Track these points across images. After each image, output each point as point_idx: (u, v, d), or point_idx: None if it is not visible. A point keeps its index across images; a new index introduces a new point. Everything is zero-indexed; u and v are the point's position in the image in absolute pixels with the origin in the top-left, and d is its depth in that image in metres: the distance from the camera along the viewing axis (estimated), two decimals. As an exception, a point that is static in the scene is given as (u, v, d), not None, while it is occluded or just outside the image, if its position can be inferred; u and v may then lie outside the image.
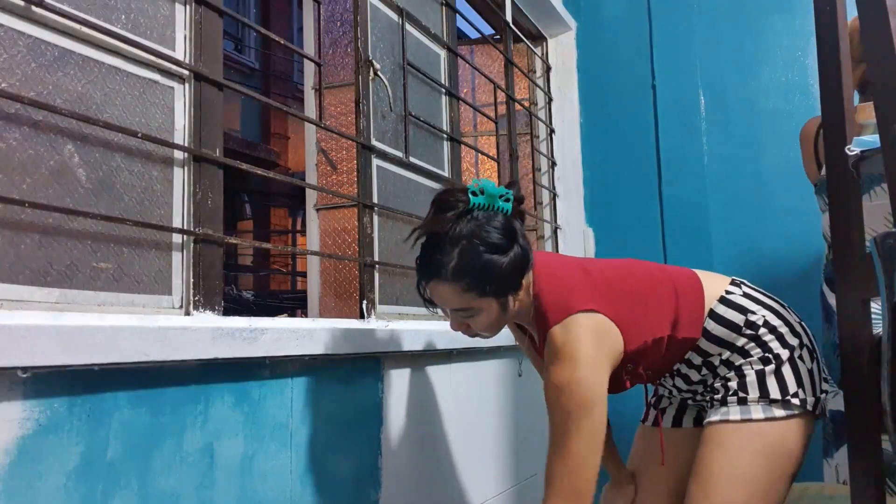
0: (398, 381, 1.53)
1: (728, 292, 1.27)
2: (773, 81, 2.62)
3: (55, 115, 0.95)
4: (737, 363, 1.23)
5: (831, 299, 1.75)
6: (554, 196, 2.89)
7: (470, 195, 1.15)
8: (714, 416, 1.22)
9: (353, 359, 1.38)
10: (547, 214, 2.87)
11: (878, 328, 0.88)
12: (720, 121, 2.69)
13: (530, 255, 1.19)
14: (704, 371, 1.28)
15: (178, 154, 1.15)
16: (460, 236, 1.13)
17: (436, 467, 1.65)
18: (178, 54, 1.17)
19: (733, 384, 1.22)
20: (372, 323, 1.53)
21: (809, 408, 1.19)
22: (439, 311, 1.27)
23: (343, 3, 2.09)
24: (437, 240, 1.15)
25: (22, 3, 0.92)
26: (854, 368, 0.93)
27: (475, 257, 1.12)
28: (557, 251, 2.88)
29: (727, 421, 1.20)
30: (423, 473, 1.59)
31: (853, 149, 0.93)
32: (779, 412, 1.18)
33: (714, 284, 1.29)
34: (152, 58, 1.11)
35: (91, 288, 0.99)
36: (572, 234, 2.91)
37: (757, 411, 1.19)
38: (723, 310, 1.25)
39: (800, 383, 1.19)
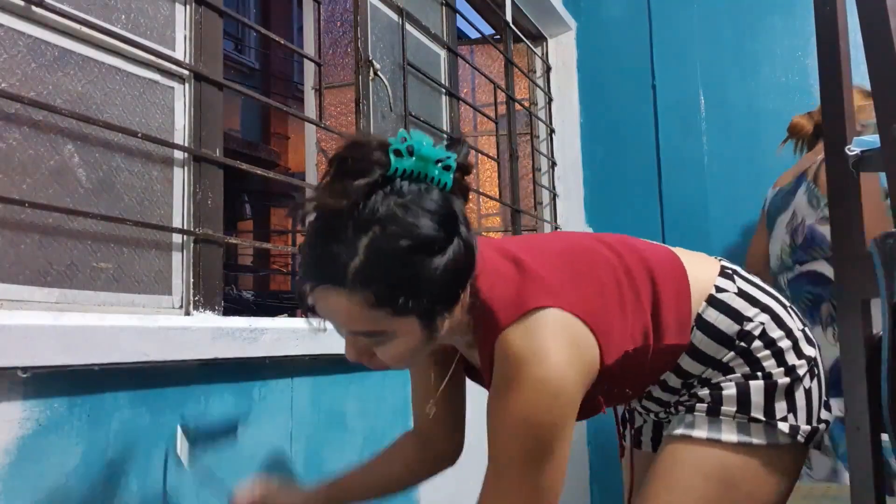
0: (398, 381, 1.53)
1: (719, 289, 0.94)
2: (773, 81, 2.62)
3: (55, 115, 0.95)
4: (714, 380, 0.92)
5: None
6: (554, 196, 2.89)
7: (392, 155, 0.73)
8: (676, 429, 0.92)
9: (353, 359, 1.38)
10: (547, 214, 2.87)
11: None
12: (720, 121, 2.69)
13: (475, 253, 0.78)
14: (682, 392, 0.96)
15: (178, 154, 1.15)
16: (371, 221, 0.72)
17: (436, 467, 1.65)
18: (178, 54, 1.17)
19: (705, 393, 0.91)
20: (372, 323, 1.53)
21: (801, 438, 0.88)
22: (325, 325, 0.81)
23: (343, 3, 2.09)
24: (334, 224, 0.73)
25: (22, 3, 0.92)
26: (854, 368, 0.93)
27: (393, 256, 0.72)
28: (557, 251, 2.88)
29: (689, 438, 0.90)
30: (423, 473, 1.59)
31: (853, 149, 0.93)
32: (758, 439, 0.88)
33: (701, 273, 0.96)
34: (152, 58, 1.11)
35: (91, 288, 0.99)
36: (572, 234, 2.91)
37: (730, 430, 0.88)
38: (713, 315, 0.92)
39: (792, 407, 0.89)
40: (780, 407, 0.89)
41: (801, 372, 0.91)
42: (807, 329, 0.97)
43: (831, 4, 0.97)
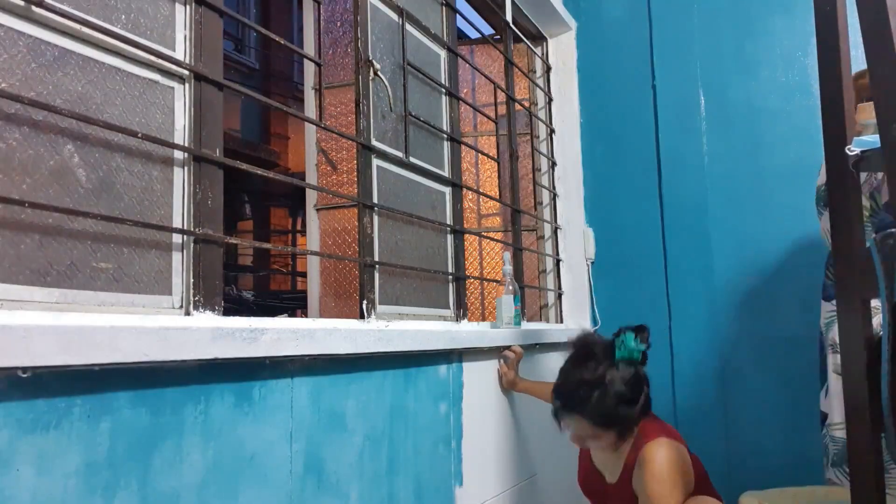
0: (398, 381, 1.53)
1: None
2: (773, 81, 2.62)
3: (55, 115, 0.95)
4: None
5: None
6: (554, 196, 2.89)
7: (616, 350, 1.53)
8: None
9: (353, 359, 1.38)
10: (547, 214, 2.87)
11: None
12: (720, 121, 2.69)
13: (649, 398, 1.56)
14: None
15: (178, 154, 1.15)
16: (600, 383, 1.50)
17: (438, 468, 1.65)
18: (178, 54, 1.17)
19: None
20: (372, 323, 1.53)
21: None
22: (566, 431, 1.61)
23: (343, 3, 2.09)
24: (579, 380, 1.53)
25: (22, 3, 0.92)
26: (854, 368, 0.93)
27: (608, 404, 1.50)
28: (557, 251, 2.88)
29: None
30: (425, 474, 1.59)
31: (853, 149, 0.93)
32: None
33: None
34: (152, 58, 1.11)
35: (91, 288, 0.99)
36: (572, 234, 2.91)
37: None
38: None
39: None
40: None
41: None
42: None
43: (831, 4, 0.97)
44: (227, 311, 1.20)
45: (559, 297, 2.88)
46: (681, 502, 1.47)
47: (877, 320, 0.89)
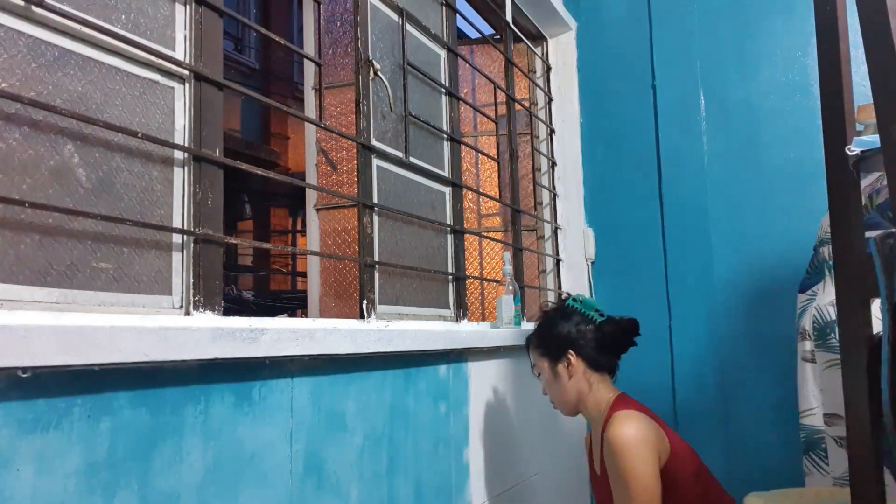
0: (398, 381, 1.53)
1: None
2: (773, 81, 2.62)
3: (55, 115, 0.95)
4: None
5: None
6: (554, 196, 2.89)
7: (570, 298, 1.74)
8: None
9: (353, 359, 1.38)
10: (547, 214, 2.87)
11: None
12: (720, 121, 2.69)
13: (594, 352, 1.66)
14: None
15: (178, 154, 1.15)
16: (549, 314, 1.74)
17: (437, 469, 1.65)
18: (178, 54, 1.17)
19: None
20: (372, 323, 1.53)
21: None
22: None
23: (343, 3, 2.09)
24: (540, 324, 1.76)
25: (22, 3, 0.92)
26: (854, 368, 0.93)
27: (544, 324, 1.72)
28: (557, 251, 2.88)
29: None
30: (425, 474, 1.59)
31: (853, 149, 0.93)
32: None
33: None
34: (152, 58, 1.11)
35: (91, 288, 0.99)
36: (572, 234, 2.91)
37: None
38: None
39: None
40: None
41: None
42: None
43: (831, 4, 0.97)
44: (227, 311, 1.20)
45: (559, 297, 2.87)
46: (653, 468, 1.43)
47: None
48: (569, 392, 1.65)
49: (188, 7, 1.19)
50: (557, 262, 2.88)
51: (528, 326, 2.34)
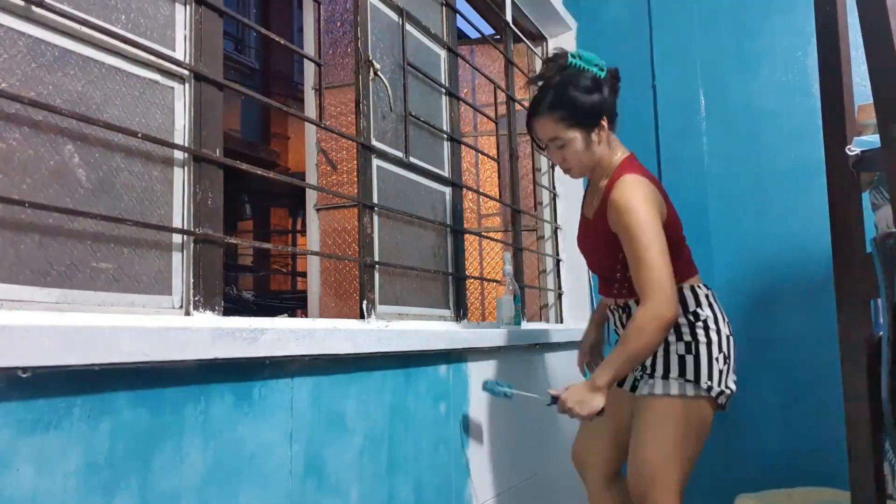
0: (398, 381, 1.53)
1: (698, 286, 1.66)
2: (773, 81, 2.62)
3: (55, 115, 0.95)
4: (668, 338, 1.58)
5: None
6: (554, 196, 2.89)
7: (569, 56, 1.61)
8: (644, 390, 1.61)
9: (353, 359, 1.38)
10: (547, 214, 2.87)
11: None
12: (720, 121, 2.69)
13: (614, 110, 1.66)
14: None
15: (178, 154, 1.15)
16: (557, 82, 1.59)
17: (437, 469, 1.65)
18: (178, 54, 1.17)
19: (660, 365, 1.58)
20: (372, 323, 1.53)
21: (713, 395, 1.56)
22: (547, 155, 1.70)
23: (343, 3, 2.09)
24: (541, 87, 1.62)
25: (22, 3, 0.92)
26: (854, 369, 0.93)
27: (566, 94, 1.57)
28: (557, 251, 2.88)
29: (653, 395, 1.58)
30: (425, 474, 1.59)
31: (853, 149, 0.93)
32: (690, 391, 1.55)
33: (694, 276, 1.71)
34: (152, 58, 1.11)
35: (91, 288, 0.99)
36: (572, 234, 2.91)
37: (674, 388, 1.56)
38: (687, 294, 1.62)
39: (710, 375, 1.55)
40: (704, 373, 1.56)
41: (718, 353, 1.58)
42: (730, 333, 1.64)
43: (831, 4, 0.97)
44: (227, 312, 1.20)
45: (559, 297, 2.87)
46: (658, 220, 1.51)
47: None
48: (594, 156, 1.62)
49: (188, 7, 1.19)
50: (557, 262, 2.88)
51: (529, 326, 2.34)
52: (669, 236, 1.54)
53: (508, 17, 2.59)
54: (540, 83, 1.64)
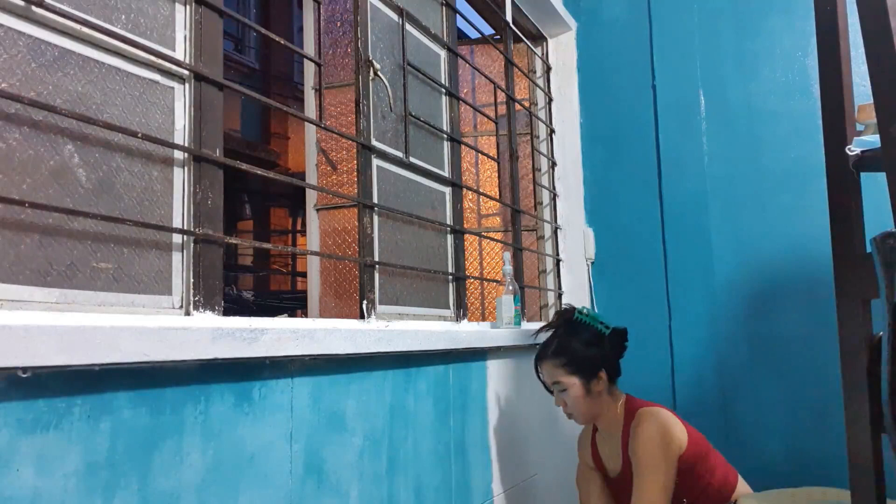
0: (398, 381, 1.53)
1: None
2: (773, 81, 2.62)
3: (55, 115, 0.95)
4: None
5: None
6: (554, 196, 2.89)
7: (576, 311, 1.81)
8: None
9: (353, 359, 1.38)
10: (547, 214, 2.87)
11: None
12: (720, 121, 2.69)
13: (615, 366, 1.79)
14: None
15: (178, 154, 1.15)
16: (562, 332, 1.79)
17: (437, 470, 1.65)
18: (178, 54, 1.17)
19: None
20: (372, 323, 1.53)
21: None
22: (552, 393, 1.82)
23: (343, 3, 2.09)
24: (550, 335, 1.83)
25: (22, 3, 0.92)
26: (854, 368, 0.93)
27: (568, 344, 1.75)
28: (557, 251, 2.88)
29: None
30: (425, 474, 1.59)
31: (853, 149, 0.93)
32: None
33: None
34: (152, 58, 1.11)
35: (91, 288, 0.99)
36: (572, 234, 2.91)
37: None
38: None
39: None
40: None
41: None
42: None
43: (831, 4, 0.97)
44: (228, 312, 1.20)
45: (559, 297, 2.87)
46: (673, 465, 1.61)
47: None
48: (595, 405, 1.77)
49: (188, 7, 1.19)
50: (557, 262, 2.88)
51: (529, 326, 2.34)
52: (697, 458, 1.66)
53: (508, 17, 2.59)
54: (549, 332, 1.85)
